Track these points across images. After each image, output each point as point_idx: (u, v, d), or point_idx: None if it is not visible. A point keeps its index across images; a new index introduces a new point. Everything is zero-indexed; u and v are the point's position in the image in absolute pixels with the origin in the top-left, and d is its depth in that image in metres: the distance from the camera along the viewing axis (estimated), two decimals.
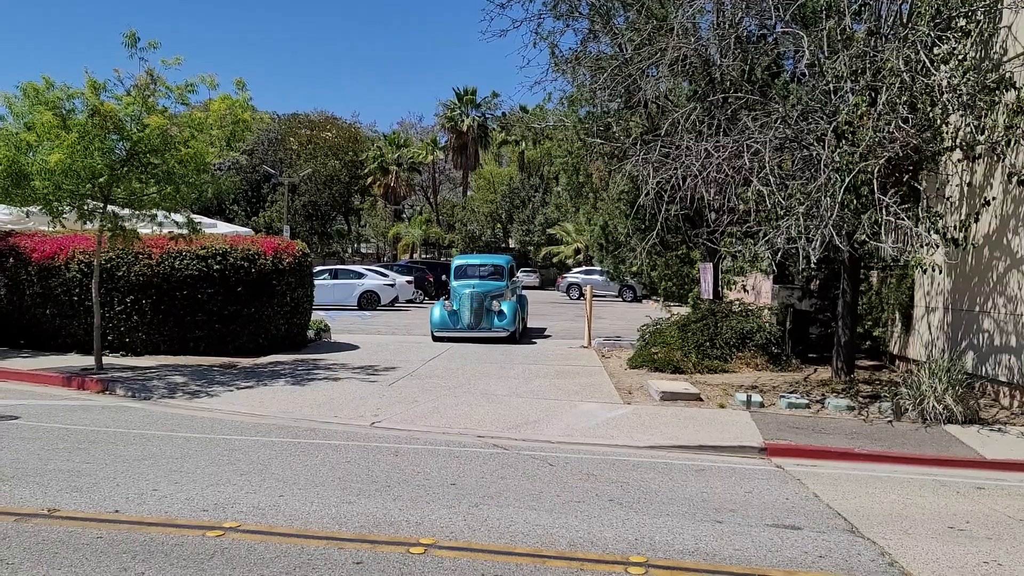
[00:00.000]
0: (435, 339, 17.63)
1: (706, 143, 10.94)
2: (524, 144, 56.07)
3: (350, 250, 64.08)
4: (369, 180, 59.29)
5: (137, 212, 12.48)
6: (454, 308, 17.54)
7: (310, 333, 16.83)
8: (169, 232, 13.19)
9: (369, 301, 29.79)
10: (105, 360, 12.99)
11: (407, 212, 67.03)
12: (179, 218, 12.91)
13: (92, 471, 6.87)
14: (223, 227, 18.64)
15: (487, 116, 61.17)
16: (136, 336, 14.25)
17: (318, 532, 5.40)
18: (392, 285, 30.82)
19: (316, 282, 18.69)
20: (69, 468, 6.95)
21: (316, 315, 18.04)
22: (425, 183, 68.03)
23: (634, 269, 19.32)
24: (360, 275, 31.19)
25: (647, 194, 11.59)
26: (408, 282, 32.74)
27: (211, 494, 6.25)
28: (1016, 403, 10.26)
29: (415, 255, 59.75)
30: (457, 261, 20.15)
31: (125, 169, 11.69)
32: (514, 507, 6.06)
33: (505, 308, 17.56)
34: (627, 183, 15.40)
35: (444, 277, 38.34)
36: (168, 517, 5.66)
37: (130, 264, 14.01)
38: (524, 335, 19.05)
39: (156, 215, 12.62)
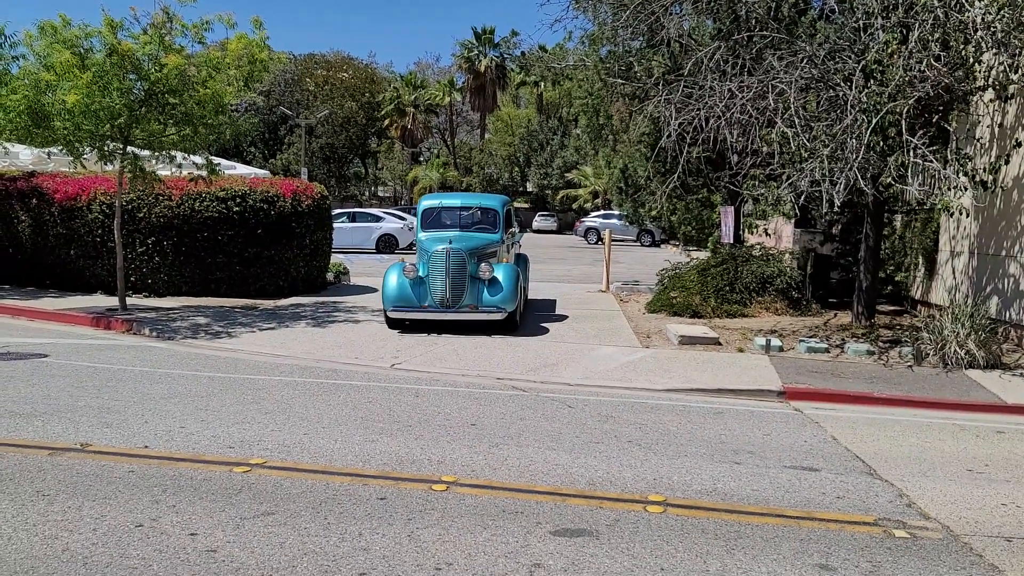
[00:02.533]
0: (390, 323, 11.48)
1: (730, 83, 10.72)
2: (543, 85, 55.29)
3: (367, 193, 63.96)
4: (386, 122, 58.82)
5: (156, 153, 12.48)
6: (420, 274, 11.17)
7: (329, 276, 16.91)
8: (189, 173, 13.20)
9: (387, 244, 29.83)
10: (129, 301, 13.15)
11: (424, 155, 66.63)
12: (198, 159, 12.90)
13: (121, 408, 7.01)
14: (241, 169, 18.63)
15: (505, 56, 60.23)
16: (158, 277, 14.38)
17: (342, 469, 5.50)
18: (410, 228, 30.77)
19: (335, 225, 18.57)
20: (98, 405, 7.10)
21: (335, 258, 18.09)
22: (442, 125, 67.41)
23: (653, 213, 19.12)
24: (378, 218, 31.17)
25: (669, 136, 11.41)
26: None
27: (236, 432, 6.37)
28: None
29: None
30: (426, 203, 12.92)
31: (144, 110, 11.64)
32: (533, 447, 6.14)
33: (500, 274, 11.24)
34: (648, 125, 15.16)
35: None
36: (196, 453, 5.78)
37: (151, 206, 14.06)
38: (526, 316, 12.82)
39: (175, 156, 12.61)
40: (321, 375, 8.78)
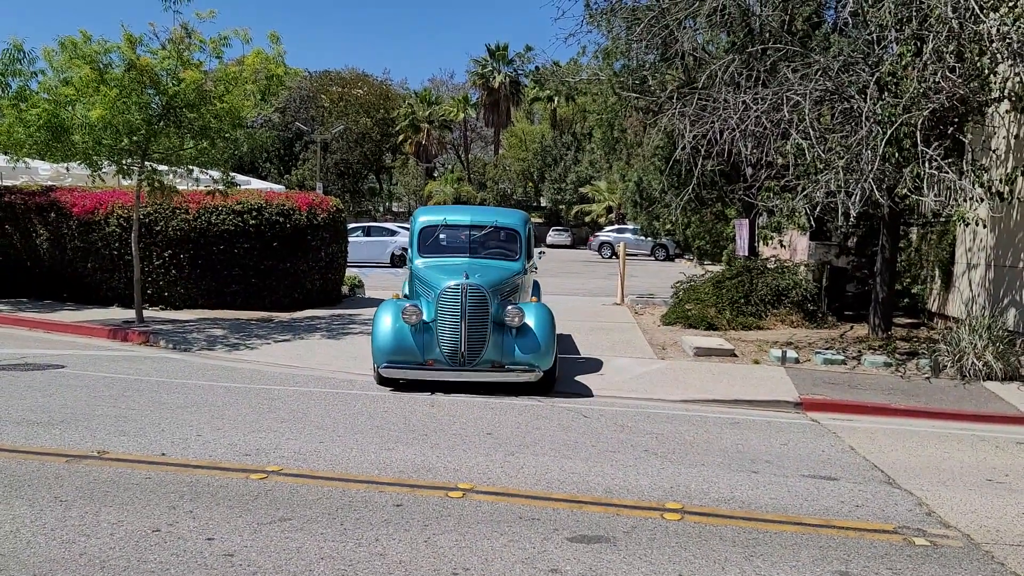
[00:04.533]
0: (380, 380, 8.71)
1: (744, 96, 10.74)
2: (557, 101, 55.47)
3: (382, 208, 64.29)
4: (400, 138, 59.18)
5: (174, 167, 12.61)
6: (424, 318, 8.48)
7: (344, 289, 16.98)
8: (205, 187, 13.31)
9: (402, 259, 29.90)
10: (145, 313, 13.24)
11: (439, 170, 66.93)
12: (215, 174, 13.01)
13: (137, 417, 7.06)
14: (256, 183, 18.78)
15: (519, 72, 60.54)
16: (175, 290, 14.48)
17: (358, 476, 5.51)
18: None
19: (349, 239, 18.64)
20: (115, 414, 7.14)
21: (349, 272, 18.17)
22: (456, 141, 67.74)
23: (668, 226, 19.11)
24: (393, 232, 31.29)
25: (683, 148, 11.44)
26: None
27: (253, 440, 6.39)
28: None
29: None
30: (425, 219, 10.14)
31: (162, 124, 11.78)
32: (549, 456, 6.12)
33: (532, 319, 8.53)
34: (662, 138, 15.20)
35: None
36: (212, 460, 5.80)
37: (168, 219, 14.19)
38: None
39: (193, 170, 12.73)
40: (337, 386, 8.80)
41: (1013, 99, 9.81)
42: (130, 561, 4.02)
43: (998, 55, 9.37)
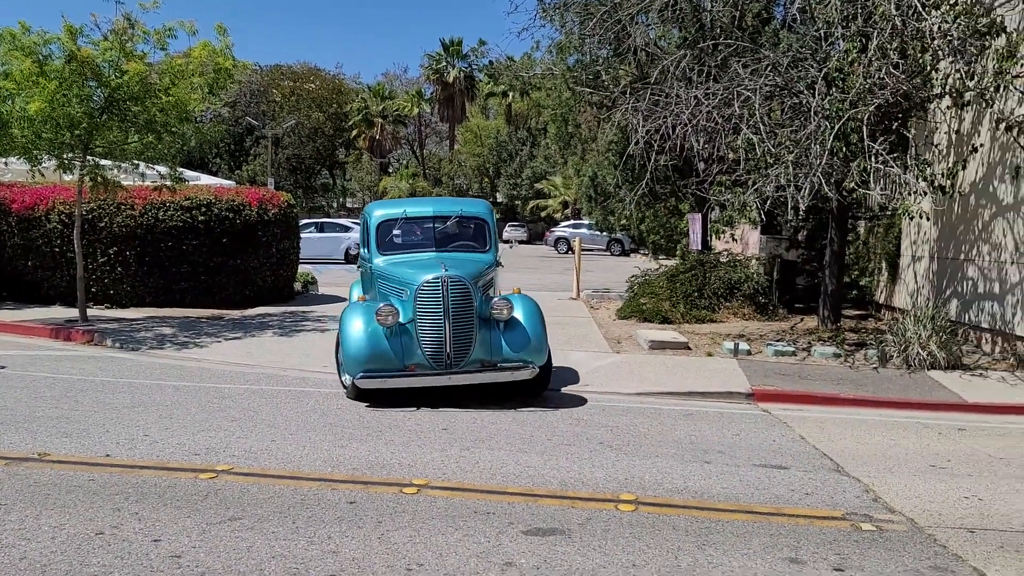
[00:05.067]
0: (358, 395, 7.68)
1: (696, 91, 10.84)
2: (512, 96, 55.39)
3: (336, 204, 63.60)
4: (354, 133, 58.60)
5: (119, 162, 12.29)
6: (401, 320, 7.55)
7: (297, 286, 16.76)
8: (152, 183, 13.00)
9: (357, 255, 29.64)
10: (90, 312, 12.90)
11: (393, 166, 66.44)
12: (162, 169, 12.72)
13: (81, 418, 6.86)
14: (206, 179, 18.43)
15: (473, 67, 60.34)
16: (121, 288, 14.13)
17: (311, 474, 5.43)
18: None
19: (302, 235, 18.39)
20: (58, 415, 6.94)
21: (303, 268, 17.97)
22: (411, 136, 67.31)
23: (623, 221, 19.23)
24: (347, 228, 30.98)
25: (636, 143, 11.50)
26: None
27: (202, 439, 6.26)
28: (997, 349, 10.40)
29: None
30: (380, 212, 9.08)
31: (104, 117, 11.47)
32: (505, 450, 6.11)
33: (520, 311, 7.90)
34: (616, 133, 15.28)
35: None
36: (160, 461, 5.67)
37: (112, 215, 13.83)
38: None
39: (138, 165, 12.42)
40: (289, 383, 8.67)
41: (953, 95, 10.04)
42: (72, 565, 3.90)
43: (939, 52, 9.59)
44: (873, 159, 9.62)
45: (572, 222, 44.59)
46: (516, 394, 7.81)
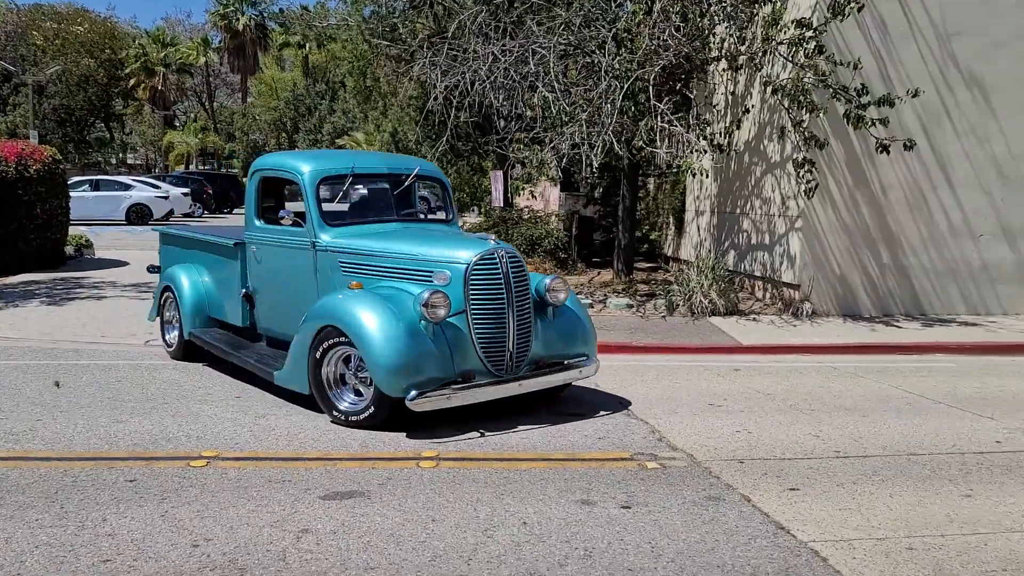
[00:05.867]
0: (397, 422, 5.53)
1: (493, 47, 10.87)
2: (308, 47, 53.14)
3: (115, 160, 58.40)
4: (132, 82, 53.72)
5: None
6: (420, 325, 5.44)
7: (69, 249, 15.24)
8: None
9: (140, 215, 27.40)
10: None
11: (180, 119, 61.85)
12: None
13: None
14: None
15: (265, 15, 57.12)
16: None
17: (84, 454, 4.96)
18: (165, 197, 28.50)
19: (74, 194, 16.65)
20: None
21: (77, 230, 16.37)
22: (199, 87, 62.82)
23: None
24: (127, 186, 28.56)
25: (435, 99, 11.42)
26: (184, 194, 30.36)
27: None
28: (768, 295, 11.42)
29: (191, 166, 55.55)
30: (310, 165, 6.55)
31: None
32: (303, 415, 5.91)
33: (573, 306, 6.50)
34: (416, 88, 15.07)
35: (234, 194, 35.42)
36: None
37: None
38: None
39: None
40: (61, 356, 7.88)
41: (729, 58, 10.77)
42: None
43: (715, 17, 10.23)
44: (659, 118, 10.13)
45: None
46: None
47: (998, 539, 3.89)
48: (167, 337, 7.95)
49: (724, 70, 11.70)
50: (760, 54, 10.15)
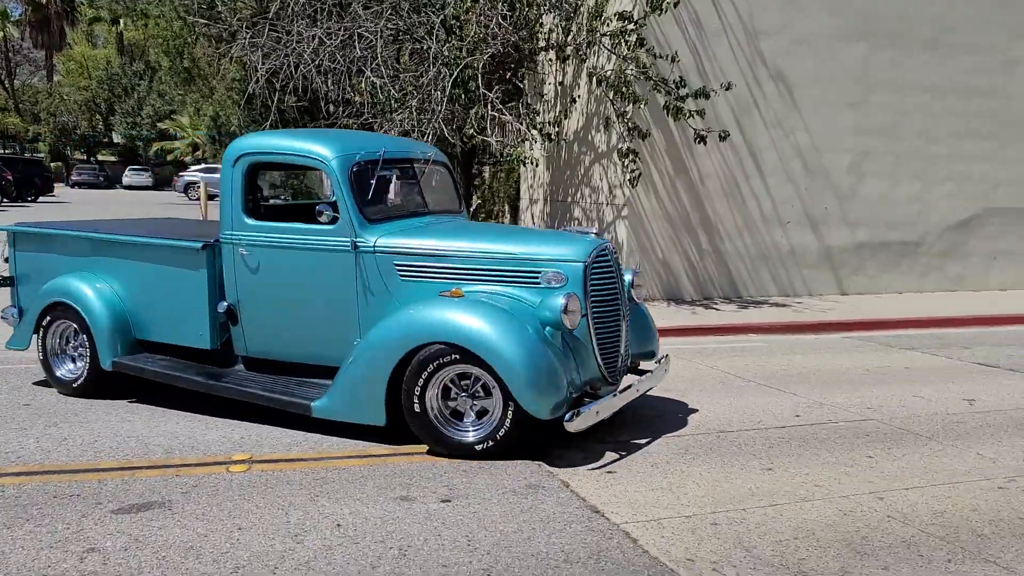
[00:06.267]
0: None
1: (318, 30, 10.48)
2: (123, 23, 49.46)
3: None
4: None
5: None
6: (548, 334, 4.84)
7: None
8: None
9: None
10: None
11: None
12: None
13: None
14: None
15: None
16: None
17: None
18: None
19: None
20: None
21: None
22: None
23: None
24: None
25: (257, 81, 10.87)
26: None
27: None
28: None
29: None
30: (331, 150, 5.37)
31: None
32: (101, 422, 5.44)
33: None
34: (239, 70, 14.31)
35: (39, 181, 32.27)
36: None
37: None
38: None
39: None
40: None
41: (556, 49, 10.93)
42: None
43: (542, 7, 10.35)
44: (489, 107, 10.14)
45: (205, 166, 41.56)
46: None
47: (792, 509, 4.13)
48: (60, 371, 6.10)
49: (552, 60, 11.87)
50: (585, 45, 10.36)
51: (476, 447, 4.75)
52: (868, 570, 3.49)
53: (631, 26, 9.91)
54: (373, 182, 5.33)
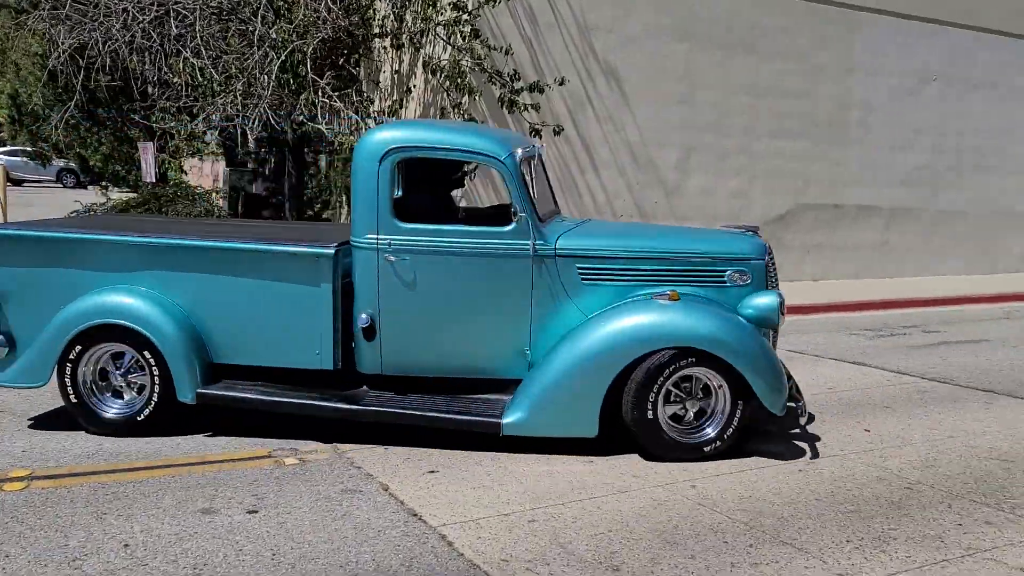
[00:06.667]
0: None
1: (127, 2, 9.69)
2: None
3: None
4: None
5: None
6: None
7: None
8: None
9: None
10: None
11: None
12: None
13: None
14: None
15: None
16: None
17: None
18: None
19: None
20: None
21: None
22: None
23: (60, 145, 16.77)
24: None
25: (59, 58, 9.93)
26: None
27: None
28: None
29: None
30: (495, 144, 4.96)
31: None
32: None
33: None
34: (42, 44, 13.04)
35: None
36: None
37: None
38: None
39: None
40: None
41: (391, 37, 10.66)
42: None
43: None
44: (320, 93, 9.76)
45: (8, 148, 37.93)
46: None
47: (610, 502, 4.16)
48: (108, 412, 4.91)
49: (387, 48, 11.58)
50: (419, 34, 10.17)
51: (705, 448, 4.76)
52: (676, 559, 3.55)
53: (465, 16, 9.81)
54: (532, 180, 5.06)
